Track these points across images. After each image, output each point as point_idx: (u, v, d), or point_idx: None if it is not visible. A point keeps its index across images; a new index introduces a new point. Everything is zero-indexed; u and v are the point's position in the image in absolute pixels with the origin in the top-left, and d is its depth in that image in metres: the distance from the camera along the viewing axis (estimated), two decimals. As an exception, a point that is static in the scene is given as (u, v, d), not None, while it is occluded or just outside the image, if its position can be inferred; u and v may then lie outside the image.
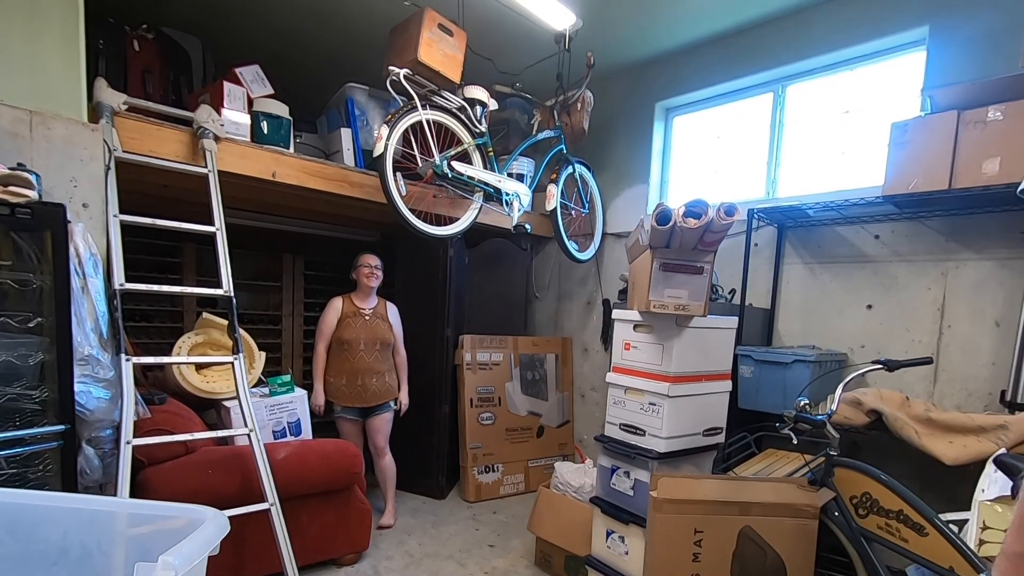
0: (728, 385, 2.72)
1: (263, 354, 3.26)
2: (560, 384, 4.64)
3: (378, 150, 2.80)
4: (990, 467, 1.95)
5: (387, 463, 3.56)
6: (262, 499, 2.41)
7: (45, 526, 1.21)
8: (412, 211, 3.00)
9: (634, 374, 2.61)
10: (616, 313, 2.73)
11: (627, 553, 2.58)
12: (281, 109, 3.05)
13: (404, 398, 3.64)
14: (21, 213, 1.87)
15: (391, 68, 2.92)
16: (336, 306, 3.46)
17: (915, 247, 2.93)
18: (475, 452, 4.13)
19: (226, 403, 2.92)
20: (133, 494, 2.19)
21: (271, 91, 3.10)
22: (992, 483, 1.90)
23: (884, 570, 1.88)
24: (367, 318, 3.44)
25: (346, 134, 3.41)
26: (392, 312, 3.61)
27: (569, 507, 2.98)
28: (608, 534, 2.67)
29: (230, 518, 1.18)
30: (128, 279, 2.29)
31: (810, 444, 2.16)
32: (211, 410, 3.05)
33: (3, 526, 1.19)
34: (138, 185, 2.86)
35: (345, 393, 3.39)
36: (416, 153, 3.04)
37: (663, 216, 2.23)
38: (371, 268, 3.43)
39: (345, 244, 5.03)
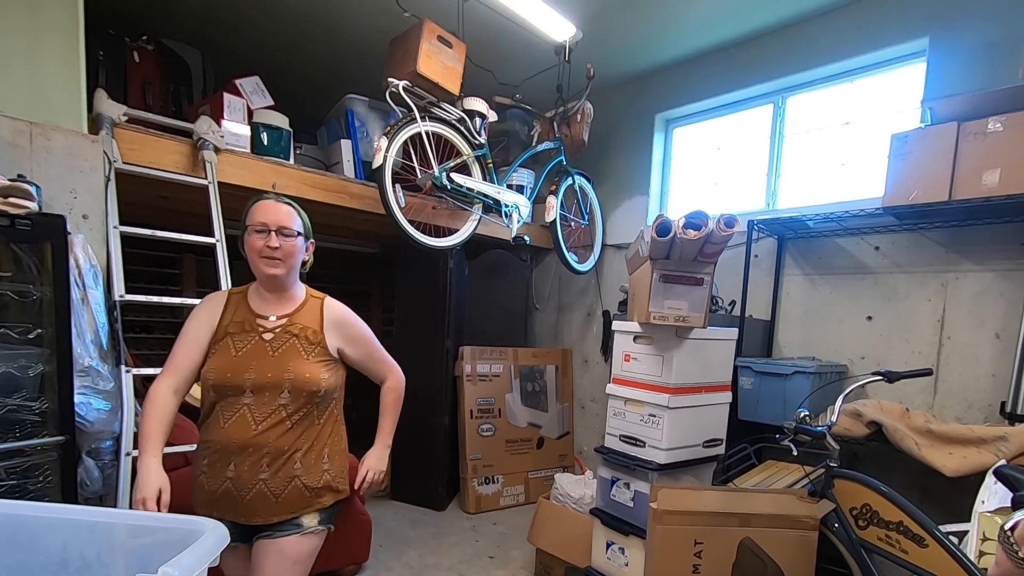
0: (728, 396, 2.72)
1: (263, 364, 3.24)
2: (560, 395, 4.63)
3: (377, 162, 2.81)
4: (990, 479, 1.95)
5: None
6: (261, 511, 2.40)
7: (44, 537, 1.20)
8: (411, 223, 3.01)
9: (634, 385, 2.61)
10: (616, 324, 2.73)
11: (627, 564, 2.57)
12: (281, 120, 3.07)
13: (374, 461, 1.79)
14: (21, 225, 1.87)
15: (390, 80, 2.94)
16: (211, 307, 1.65)
17: (915, 258, 2.93)
18: (475, 463, 4.11)
19: (225, 414, 2.91)
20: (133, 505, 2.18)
21: (271, 102, 3.11)
22: (992, 495, 1.90)
23: (885, 583, 1.88)
24: (266, 336, 1.60)
25: (346, 145, 3.43)
26: (334, 320, 1.71)
27: (569, 518, 2.97)
28: (608, 545, 2.66)
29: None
30: (128, 290, 2.29)
31: (810, 455, 2.15)
32: (210, 421, 3.04)
33: (2, 537, 1.19)
34: (138, 196, 2.86)
35: (203, 488, 1.57)
36: (415, 165, 3.05)
37: (663, 227, 2.23)
38: (262, 232, 1.62)
39: (345, 255, 5.04)
